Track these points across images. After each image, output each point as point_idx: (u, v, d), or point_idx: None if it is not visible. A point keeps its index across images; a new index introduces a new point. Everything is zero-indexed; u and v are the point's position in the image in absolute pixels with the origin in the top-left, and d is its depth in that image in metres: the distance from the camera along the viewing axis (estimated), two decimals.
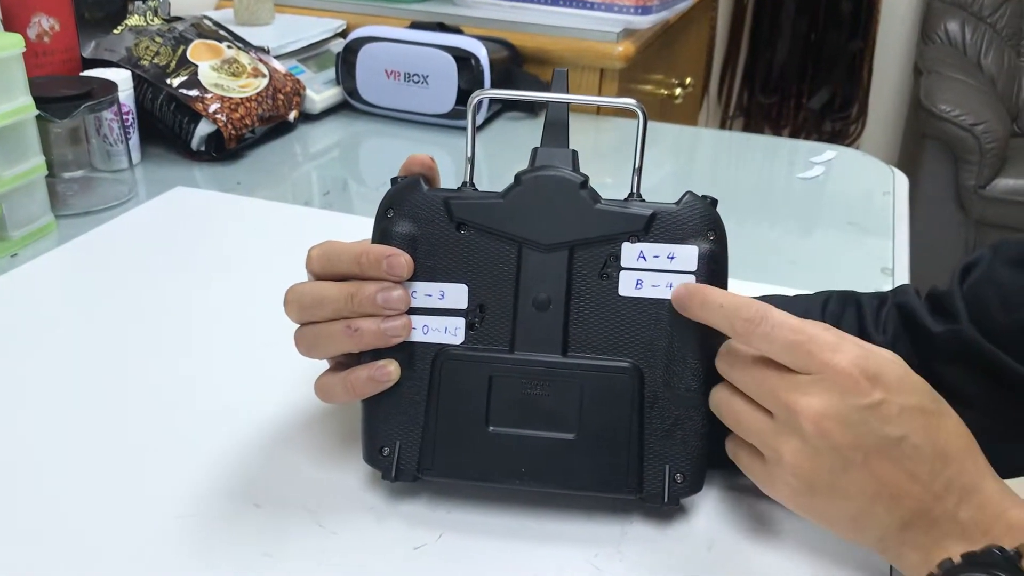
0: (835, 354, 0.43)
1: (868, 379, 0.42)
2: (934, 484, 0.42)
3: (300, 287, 0.50)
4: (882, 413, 0.42)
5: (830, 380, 0.43)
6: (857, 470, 0.43)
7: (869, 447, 0.42)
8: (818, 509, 0.45)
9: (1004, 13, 2.80)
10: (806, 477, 0.44)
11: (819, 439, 0.43)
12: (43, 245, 0.83)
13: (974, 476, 0.43)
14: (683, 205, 0.50)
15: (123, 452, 0.57)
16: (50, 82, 0.90)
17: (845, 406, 0.42)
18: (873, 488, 0.43)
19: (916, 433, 0.42)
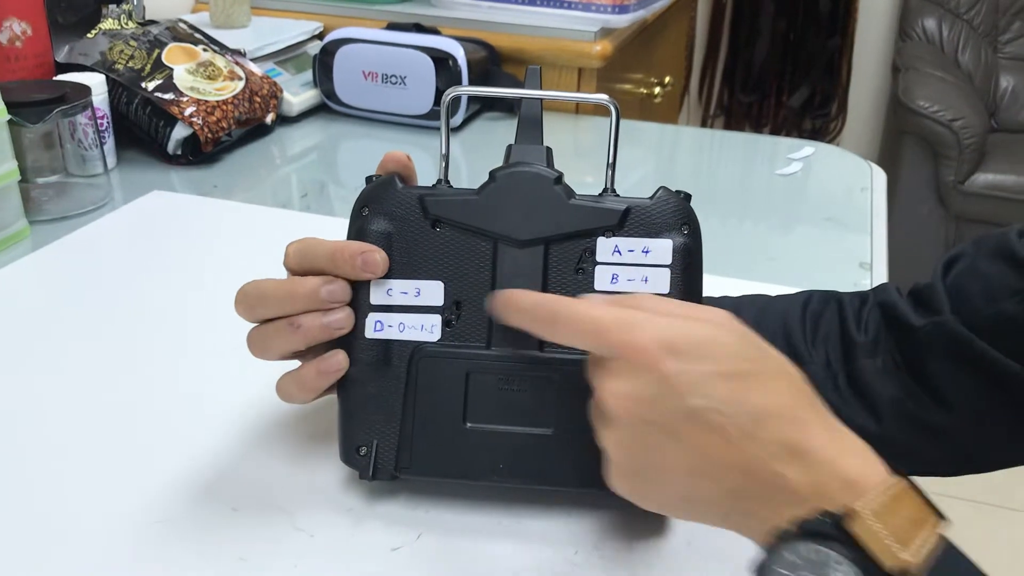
0: (631, 332, 0.41)
1: (665, 351, 0.41)
2: (753, 448, 0.40)
3: (246, 286, 0.50)
4: (680, 384, 0.40)
5: (630, 360, 0.41)
6: (670, 446, 0.41)
7: (675, 421, 0.40)
8: (651, 496, 0.44)
9: (980, 10, 2.83)
10: (627, 464, 0.43)
11: (627, 422, 0.42)
12: (17, 251, 0.83)
13: (798, 433, 0.40)
14: (657, 200, 0.50)
15: (98, 456, 0.56)
16: (22, 87, 0.89)
17: (643, 383, 0.41)
18: (691, 462, 0.41)
19: (720, 399, 0.40)
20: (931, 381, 0.50)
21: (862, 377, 0.51)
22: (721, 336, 0.42)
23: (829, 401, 0.51)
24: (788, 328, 0.54)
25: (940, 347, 0.50)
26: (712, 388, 0.40)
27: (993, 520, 2.00)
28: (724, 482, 0.41)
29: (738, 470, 0.40)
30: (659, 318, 0.42)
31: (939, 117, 2.43)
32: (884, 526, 0.36)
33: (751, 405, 0.40)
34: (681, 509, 0.44)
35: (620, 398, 0.42)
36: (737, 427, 0.40)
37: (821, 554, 0.36)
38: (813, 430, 0.40)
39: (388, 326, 0.50)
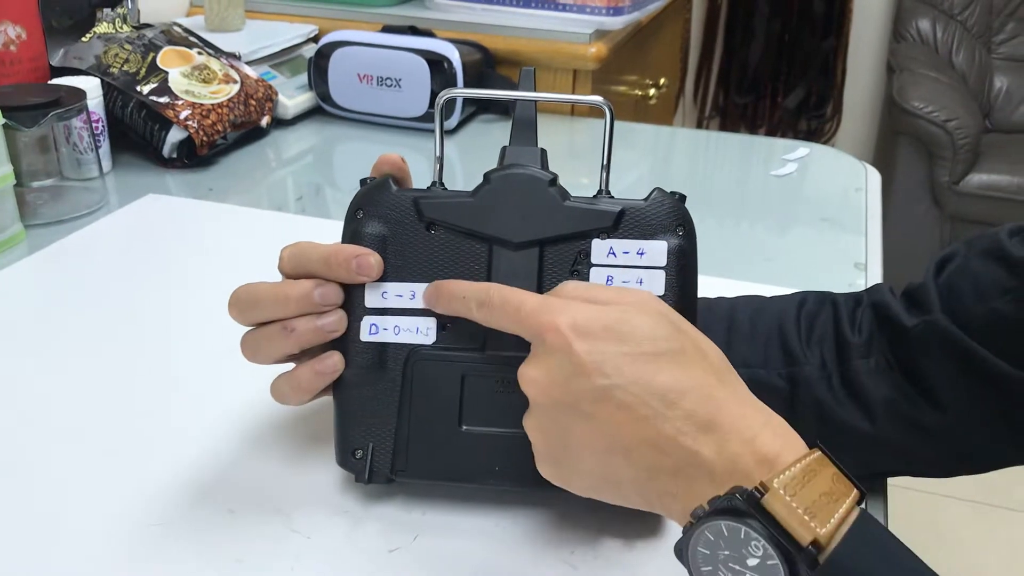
0: (547, 315, 0.43)
1: (576, 333, 0.42)
2: (663, 425, 0.41)
3: (239, 289, 0.50)
4: (589, 364, 0.41)
5: (546, 343, 0.43)
6: (584, 426, 0.42)
7: (586, 401, 0.42)
8: (575, 479, 0.45)
9: (974, 11, 2.83)
10: (548, 449, 0.45)
11: (543, 405, 0.43)
12: (13, 255, 0.83)
13: (710, 410, 0.41)
14: (651, 201, 0.50)
15: (95, 459, 0.56)
16: (17, 91, 0.89)
17: (556, 365, 0.42)
18: (603, 441, 0.42)
19: (629, 378, 0.41)
20: (923, 381, 0.50)
21: (856, 378, 0.51)
22: (634, 318, 0.43)
23: (824, 401, 0.52)
24: (783, 329, 0.54)
25: (931, 347, 0.50)
26: (620, 367, 0.41)
27: (991, 520, 2.01)
28: (638, 460, 0.41)
29: (650, 446, 0.41)
30: (577, 303, 0.43)
31: (933, 118, 2.43)
32: (797, 501, 0.36)
33: (659, 384, 0.41)
34: (605, 490, 0.44)
35: (535, 382, 0.43)
36: (646, 405, 0.41)
37: (737, 531, 0.37)
38: (726, 407, 0.41)
39: (383, 329, 0.50)
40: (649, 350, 0.42)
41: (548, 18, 1.31)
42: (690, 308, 0.50)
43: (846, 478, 0.39)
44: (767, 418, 0.42)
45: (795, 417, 0.52)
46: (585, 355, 0.42)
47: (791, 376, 0.52)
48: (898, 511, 1.78)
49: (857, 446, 0.52)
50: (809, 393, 0.52)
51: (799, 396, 0.52)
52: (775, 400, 0.52)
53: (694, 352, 0.43)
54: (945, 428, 0.50)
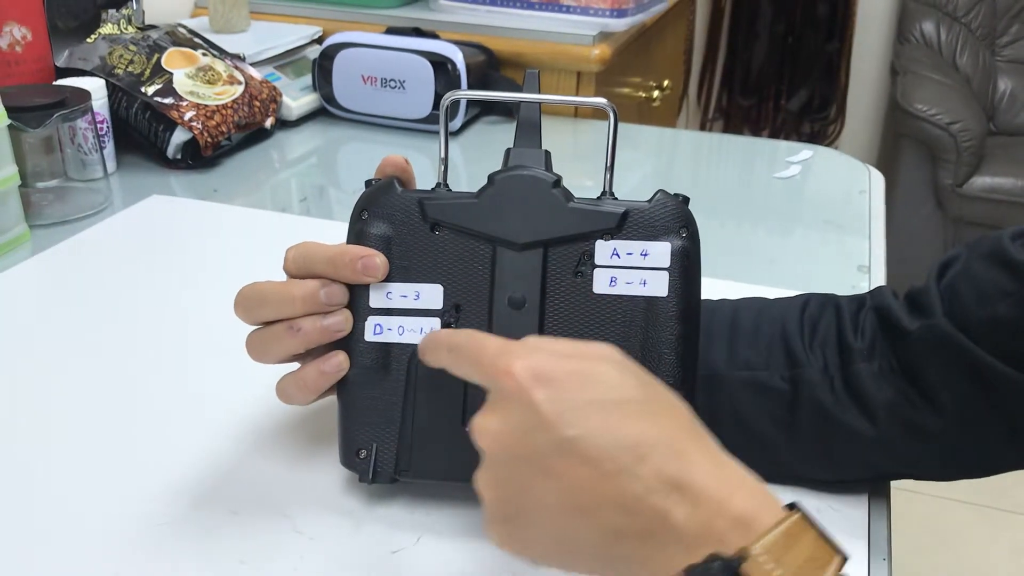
0: (505, 358, 0.39)
1: (536, 379, 0.38)
2: (631, 483, 0.36)
3: (245, 288, 0.50)
4: (551, 413, 0.37)
5: (503, 389, 0.39)
6: (543, 484, 0.38)
7: (546, 455, 0.37)
8: (527, 543, 0.40)
9: (978, 13, 2.83)
10: (500, 508, 0.40)
11: (498, 459, 0.39)
12: (17, 255, 0.83)
13: (681, 467, 0.37)
14: (655, 203, 0.50)
15: (98, 460, 0.57)
16: (22, 91, 0.90)
17: (514, 415, 0.38)
18: (565, 499, 0.38)
19: (594, 430, 0.37)
20: (925, 384, 0.50)
21: (858, 381, 0.51)
22: (599, 368, 0.39)
23: (826, 405, 0.51)
24: (786, 332, 0.54)
25: (933, 350, 0.50)
26: (585, 417, 0.37)
27: (994, 523, 2.00)
28: (603, 521, 0.37)
29: (616, 507, 0.37)
30: (539, 352, 0.40)
31: (937, 120, 2.43)
32: (781, 568, 0.33)
33: (627, 435, 0.37)
34: (560, 557, 0.40)
35: (489, 433, 0.39)
36: (612, 459, 0.37)
37: None
38: (698, 464, 0.37)
39: (387, 329, 0.50)
40: (615, 397, 0.38)
41: (552, 20, 1.32)
42: (693, 309, 0.51)
43: (828, 542, 0.36)
44: (741, 477, 0.38)
45: (797, 420, 0.52)
46: (546, 403, 0.38)
47: (793, 378, 0.52)
48: (901, 514, 1.78)
49: (859, 449, 0.52)
50: (811, 396, 0.52)
51: (801, 399, 0.52)
52: (777, 402, 0.52)
53: (663, 403, 0.40)
54: (947, 432, 0.50)
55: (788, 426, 0.52)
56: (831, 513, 0.54)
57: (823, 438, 0.52)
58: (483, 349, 0.41)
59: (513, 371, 0.39)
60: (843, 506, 0.54)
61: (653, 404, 0.39)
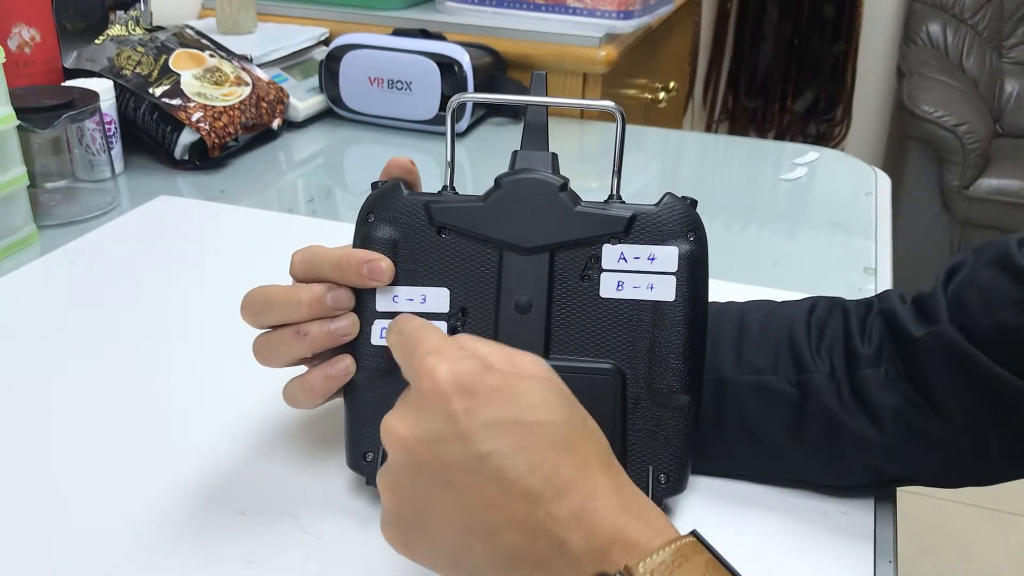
0: (433, 358, 0.38)
1: (458, 388, 0.37)
2: (537, 509, 0.36)
3: (251, 292, 0.51)
4: (467, 425, 0.37)
5: (422, 391, 0.38)
6: (446, 497, 0.37)
7: (452, 466, 0.37)
8: (419, 553, 0.40)
9: (985, 15, 2.83)
10: (397, 512, 0.40)
11: (404, 464, 0.38)
12: (26, 255, 0.83)
13: (587, 497, 0.36)
14: (663, 206, 0.50)
15: (106, 460, 0.57)
16: (31, 92, 0.90)
17: (428, 421, 0.38)
18: (464, 517, 0.37)
19: (506, 449, 0.36)
20: (931, 391, 0.50)
21: (865, 387, 0.51)
22: (522, 384, 0.38)
23: (833, 410, 0.51)
24: (793, 336, 0.54)
25: (939, 357, 0.49)
26: (501, 435, 0.37)
27: (1000, 525, 2.00)
28: (502, 542, 0.37)
29: (517, 529, 0.36)
30: (467, 361, 0.38)
31: (944, 122, 2.43)
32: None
33: (540, 461, 0.36)
34: (452, 570, 0.39)
35: (398, 436, 0.38)
36: (521, 482, 0.36)
37: None
38: (603, 496, 0.37)
39: None
40: (533, 418, 0.37)
41: (558, 22, 1.32)
42: (701, 314, 0.51)
43: (723, 564, 0.35)
44: (643, 506, 0.38)
45: (803, 425, 0.52)
46: (463, 416, 0.37)
47: (800, 383, 0.52)
48: (907, 516, 1.78)
49: (865, 455, 0.52)
50: (818, 401, 0.52)
51: (808, 404, 0.52)
52: (784, 407, 0.52)
53: (580, 428, 0.39)
54: (953, 439, 0.50)
55: (795, 431, 0.52)
56: (837, 516, 0.54)
57: (829, 443, 0.52)
58: (420, 342, 0.40)
59: (437, 375, 0.38)
60: (849, 508, 0.54)
61: (571, 426, 0.38)
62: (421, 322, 0.43)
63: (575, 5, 1.31)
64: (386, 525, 0.41)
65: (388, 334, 0.44)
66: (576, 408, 0.40)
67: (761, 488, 0.55)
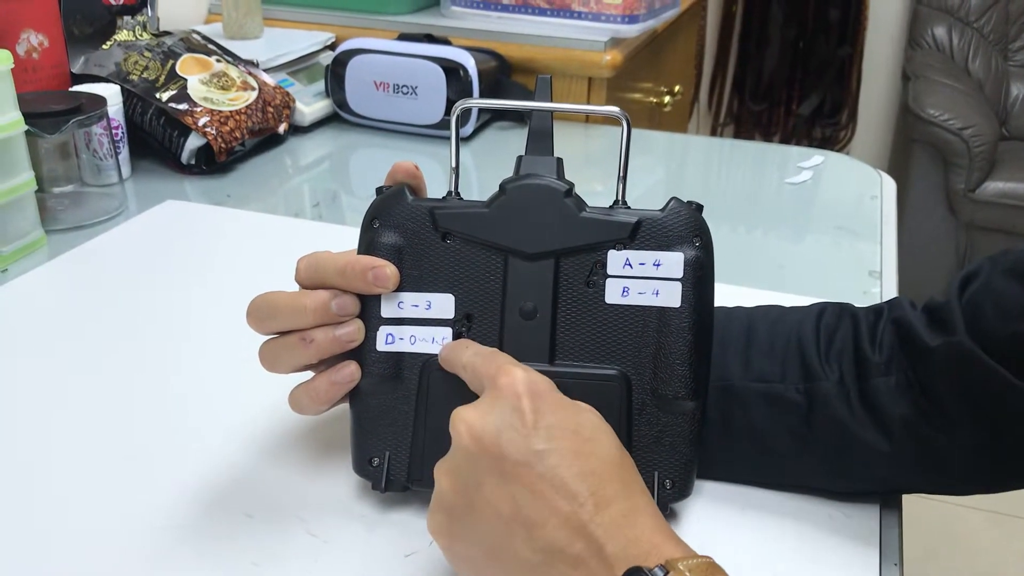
0: (508, 366, 0.44)
1: (530, 392, 0.42)
2: (581, 511, 0.39)
3: (257, 299, 0.51)
4: (530, 422, 0.41)
5: (499, 387, 0.43)
6: (497, 483, 0.41)
7: (511, 457, 0.41)
8: (460, 539, 0.43)
9: (990, 18, 2.82)
10: (448, 497, 0.43)
11: (465, 448, 0.42)
12: (33, 260, 0.84)
13: (627, 508, 0.40)
14: (668, 212, 0.50)
15: (113, 463, 0.57)
16: (39, 98, 0.90)
17: (498, 414, 0.42)
18: (512, 507, 0.41)
19: (562, 450, 0.41)
20: (943, 401, 0.49)
21: (875, 396, 0.50)
22: (583, 410, 0.44)
23: (842, 418, 0.51)
24: (802, 343, 0.54)
25: (954, 368, 0.49)
26: (560, 437, 0.41)
27: (1007, 529, 2.00)
28: (541, 538, 0.40)
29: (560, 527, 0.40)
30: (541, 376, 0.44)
31: (949, 125, 2.42)
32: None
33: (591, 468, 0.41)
34: (486, 566, 0.43)
35: (468, 423, 0.42)
36: (571, 484, 0.40)
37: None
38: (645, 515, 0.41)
39: (399, 339, 0.51)
40: (588, 434, 0.42)
41: (563, 26, 1.32)
42: (706, 320, 0.51)
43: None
44: (675, 535, 0.41)
45: (812, 433, 0.52)
46: (530, 412, 0.41)
47: (809, 391, 0.52)
48: (913, 520, 1.77)
49: (874, 464, 0.51)
50: (827, 410, 0.51)
51: (816, 412, 0.52)
52: (792, 415, 0.52)
53: (628, 460, 0.44)
54: (963, 449, 0.49)
55: (803, 439, 0.52)
56: (842, 519, 0.54)
57: (838, 451, 0.52)
58: (497, 356, 0.46)
59: (515, 375, 0.43)
60: (854, 511, 0.54)
61: (620, 454, 0.43)
62: (496, 350, 0.48)
63: (580, 9, 1.31)
64: (435, 512, 0.44)
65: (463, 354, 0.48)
66: (624, 450, 0.44)
67: (766, 492, 0.55)
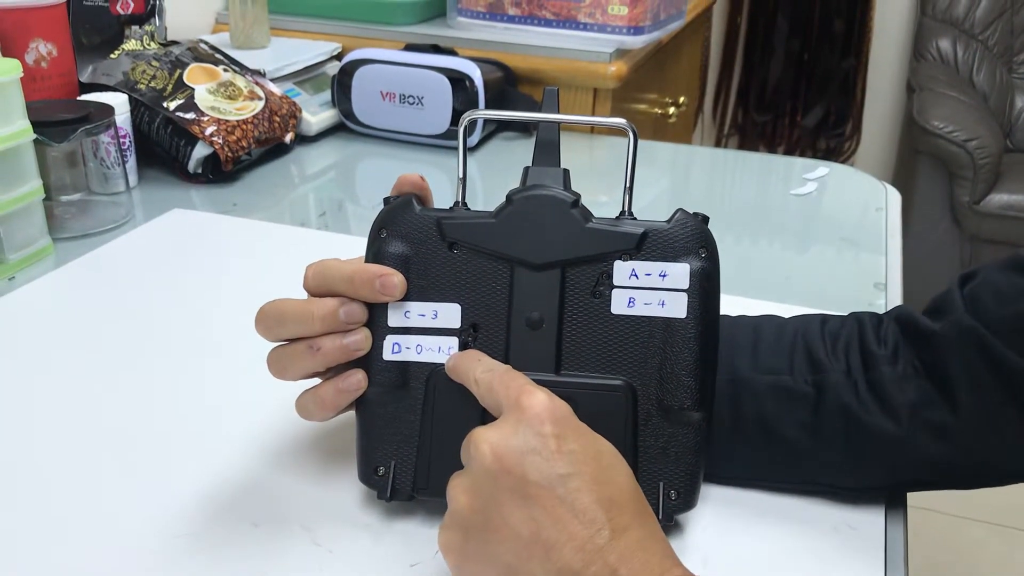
0: (530, 390, 0.44)
1: (553, 417, 0.43)
2: (597, 536, 0.40)
3: (265, 306, 0.51)
4: (554, 447, 0.42)
5: (522, 408, 0.43)
6: (518, 504, 0.42)
7: (533, 480, 0.41)
8: (472, 559, 0.43)
9: (995, 30, 2.83)
10: (464, 515, 0.43)
11: (486, 468, 0.43)
12: (41, 268, 0.84)
13: (641, 536, 0.41)
14: (674, 223, 0.50)
15: (118, 471, 0.57)
16: (48, 106, 0.91)
17: (520, 436, 0.42)
18: (532, 528, 0.41)
19: (583, 475, 0.41)
20: (949, 383, 0.50)
21: (882, 384, 0.52)
22: (603, 441, 0.44)
23: (850, 407, 0.52)
24: (808, 342, 0.55)
25: (956, 345, 0.50)
26: (582, 463, 0.42)
27: (1012, 542, 1.99)
28: (560, 560, 0.40)
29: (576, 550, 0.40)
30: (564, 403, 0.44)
31: (954, 137, 2.42)
32: None
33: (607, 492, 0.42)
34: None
35: (490, 443, 0.43)
36: (588, 508, 0.41)
37: None
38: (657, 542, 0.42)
39: (406, 348, 0.51)
40: (608, 462, 0.43)
41: (569, 37, 1.32)
42: (712, 331, 0.51)
43: None
44: (678, 560, 0.42)
45: (821, 423, 0.53)
46: (553, 437, 0.42)
47: (817, 383, 0.53)
48: (918, 532, 1.77)
49: (884, 452, 0.52)
50: (835, 399, 0.52)
51: (825, 402, 0.52)
52: (801, 406, 0.53)
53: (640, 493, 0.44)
54: (968, 431, 0.50)
55: (812, 430, 0.53)
56: (847, 530, 0.54)
57: (847, 441, 0.52)
58: (515, 378, 0.46)
59: (537, 399, 0.43)
60: (860, 523, 0.54)
61: (634, 484, 0.44)
62: (510, 367, 0.48)
63: (586, 21, 1.32)
64: (448, 528, 0.44)
65: (475, 369, 0.48)
66: (637, 486, 0.44)
67: (773, 500, 0.56)
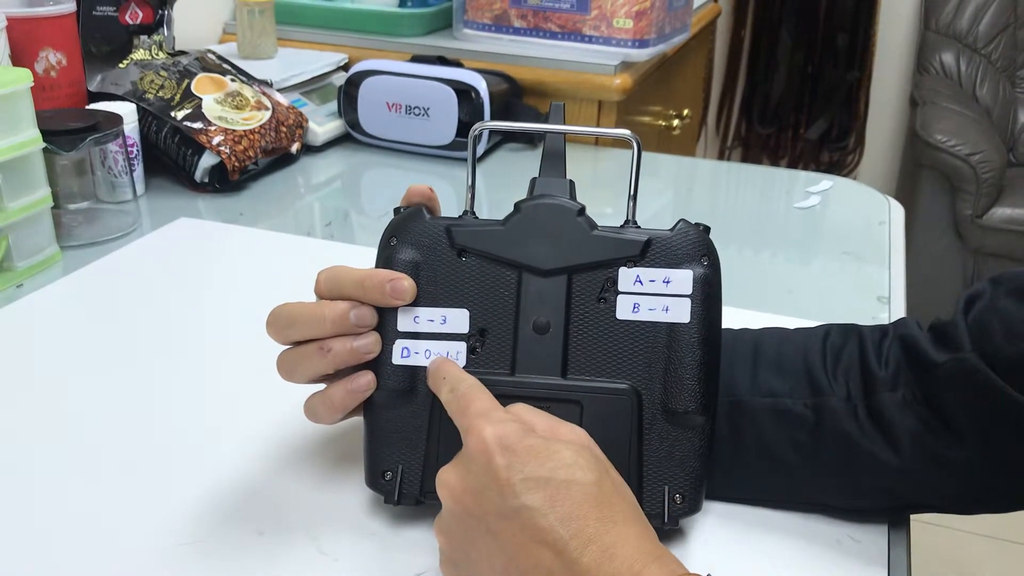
0: (482, 420, 0.45)
1: (500, 447, 0.43)
2: (560, 559, 0.41)
3: (277, 308, 0.52)
4: (504, 479, 0.42)
5: (470, 448, 0.44)
6: (485, 539, 0.43)
7: (492, 514, 0.43)
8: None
9: (998, 45, 2.83)
10: (448, 552, 0.46)
11: (451, 510, 0.45)
12: (48, 275, 0.84)
13: (607, 544, 0.41)
14: (677, 232, 0.51)
15: (125, 480, 0.57)
16: (57, 115, 0.92)
17: (474, 475, 0.44)
18: (502, 559, 0.43)
19: (538, 502, 0.42)
20: (950, 417, 0.50)
21: (882, 409, 0.51)
22: (556, 447, 0.44)
23: (849, 433, 0.51)
24: (809, 360, 0.54)
25: (960, 385, 0.49)
26: (533, 490, 0.42)
27: (1014, 557, 1.98)
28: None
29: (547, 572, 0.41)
30: (512, 424, 0.44)
31: (957, 151, 2.43)
32: None
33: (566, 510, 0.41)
34: None
35: (449, 487, 0.45)
36: (550, 532, 0.41)
37: None
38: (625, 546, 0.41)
39: (415, 353, 0.51)
40: (563, 476, 0.42)
41: (574, 50, 1.33)
42: (715, 336, 0.51)
43: None
44: (661, 553, 0.42)
45: (819, 447, 0.52)
46: (503, 470, 0.43)
47: (816, 406, 0.53)
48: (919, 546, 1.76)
49: (881, 478, 0.52)
50: (834, 424, 0.52)
51: (824, 426, 0.52)
52: (800, 429, 0.53)
53: (608, 487, 0.44)
54: (970, 464, 0.49)
55: (810, 453, 0.53)
56: (850, 544, 0.54)
57: (845, 466, 0.52)
58: (471, 404, 0.46)
59: (484, 434, 0.44)
60: (863, 536, 0.54)
61: (598, 488, 0.43)
62: (473, 383, 0.48)
63: (591, 33, 1.33)
64: (443, 564, 0.47)
65: (441, 389, 0.49)
66: (606, 469, 0.45)
67: (775, 513, 0.56)
